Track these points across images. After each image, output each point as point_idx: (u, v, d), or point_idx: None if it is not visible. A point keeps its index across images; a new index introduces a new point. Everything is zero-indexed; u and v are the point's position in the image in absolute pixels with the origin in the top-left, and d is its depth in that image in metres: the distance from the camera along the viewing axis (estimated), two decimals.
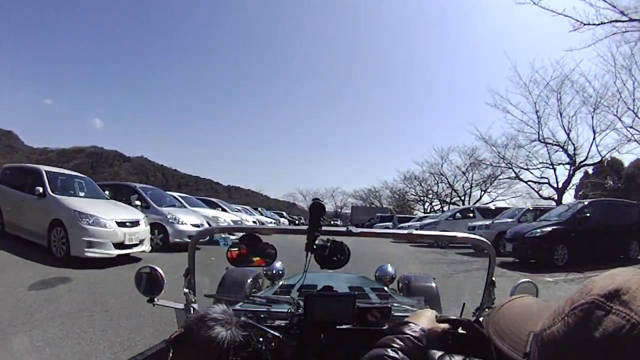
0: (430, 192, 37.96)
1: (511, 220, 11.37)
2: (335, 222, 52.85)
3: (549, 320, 0.45)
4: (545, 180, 18.86)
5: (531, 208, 12.17)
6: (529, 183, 20.15)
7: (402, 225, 18.52)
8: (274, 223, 19.35)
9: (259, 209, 25.14)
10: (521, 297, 0.60)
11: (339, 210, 67.08)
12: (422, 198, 40.05)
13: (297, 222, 38.64)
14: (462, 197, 31.62)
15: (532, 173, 19.50)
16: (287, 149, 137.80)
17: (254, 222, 13.61)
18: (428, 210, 36.86)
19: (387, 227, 22.83)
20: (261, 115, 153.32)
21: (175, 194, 12.30)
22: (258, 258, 1.39)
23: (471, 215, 14.81)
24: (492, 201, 27.33)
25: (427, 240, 13.73)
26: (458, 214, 15.15)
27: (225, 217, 11.86)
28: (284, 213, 39.28)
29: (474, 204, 27.73)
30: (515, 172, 20.64)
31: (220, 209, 13.79)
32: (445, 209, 32.85)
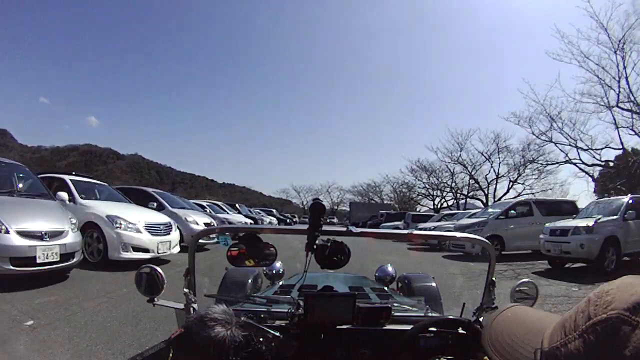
0: (442, 184, 32.11)
1: (614, 218, 7.92)
2: (332, 220, 49.98)
3: (558, 335, 0.43)
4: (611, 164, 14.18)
5: (631, 201, 8.24)
6: (584, 167, 15.00)
7: (424, 226, 14.20)
8: (248, 224, 14.21)
9: (237, 205, 20.60)
10: (512, 306, 0.57)
11: (336, 207, 64.06)
12: (431, 192, 34.55)
13: (288, 221, 33.25)
14: (485, 190, 26.70)
15: (592, 155, 14.27)
16: (282, 145, 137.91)
17: (206, 223, 9.71)
18: (438, 206, 32.46)
19: (397, 228, 19.47)
20: (256, 112, 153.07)
21: (69, 177, 7.38)
22: (252, 262, 1.38)
23: (527, 212, 10.71)
24: (519, 195, 23.75)
25: (457, 247, 10.74)
26: (512, 211, 10.73)
27: (130, 218, 6.59)
28: (274, 211, 33.88)
29: (499, 199, 23.84)
30: (575, 153, 15.33)
31: (156, 204, 9.06)
32: (461, 203, 29.28)
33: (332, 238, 1.30)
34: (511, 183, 25.26)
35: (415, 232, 1.51)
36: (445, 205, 32.38)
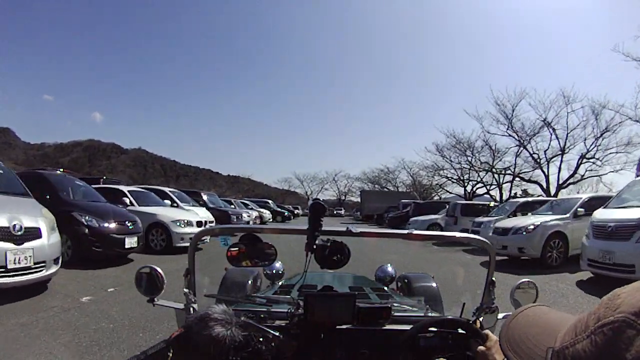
0: (484, 164, 24.35)
1: None
2: (339, 211, 46.95)
3: (569, 335, 0.43)
4: None
5: None
6: None
7: (513, 225, 8.16)
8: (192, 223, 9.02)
9: (204, 194, 14.26)
10: (534, 306, 0.58)
11: (343, 197, 59.07)
12: (462, 176, 27.44)
13: (287, 214, 28.23)
14: (546, 169, 19.82)
15: None
16: (286, 135, 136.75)
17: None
18: (471, 194, 26.62)
19: (434, 224, 13.90)
20: (261, 102, 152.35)
21: None
22: (252, 262, 1.39)
23: None
24: (582, 178, 18.98)
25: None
26: None
27: None
28: (270, 202, 28.75)
29: (565, 182, 18.56)
30: None
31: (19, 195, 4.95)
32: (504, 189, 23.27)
33: (332, 238, 1.30)
34: (581, 159, 18.62)
35: (415, 232, 1.49)
36: (484, 191, 26.19)
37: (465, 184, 27.43)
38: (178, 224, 8.68)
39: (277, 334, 1.19)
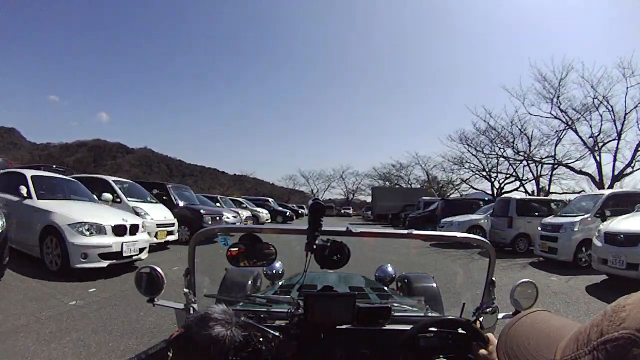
0: (521, 154, 20.73)
1: None
2: (347, 210, 44.75)
3: (570, 349, 0.41)
4: None
5: None
6: None
7: (611, 228, 5.71)
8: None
9: (171, 187, 10.72)
10: (534, 311, 0.55)
11: (351, 195, 55.47)
12: (489, 169, 23.95)
13: (288, 213, 25.51)
14: (598, 156, 16.31)
15: None
16: (287, 134, 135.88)
17: None
18: (500, 190, 23.56)
19: (475, 227, 10.82)
20: (261, 102, 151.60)
21: None
22: (251, 262, 1.39)
23: None
24: (632, 171, 15.46)
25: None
26: None
27: None
28: (271, 201, 26.08)
29: (621, 172, 15.44)
30: None
31: None
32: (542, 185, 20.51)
33: (332, 238, 1.31)
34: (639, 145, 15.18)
35: (415, 232, 1.49)
36: (515, 186, 22.76)
37: (493, 178, 24.15)
38: (79, 229, 5.25)
39: (277, 334, 1.19)
